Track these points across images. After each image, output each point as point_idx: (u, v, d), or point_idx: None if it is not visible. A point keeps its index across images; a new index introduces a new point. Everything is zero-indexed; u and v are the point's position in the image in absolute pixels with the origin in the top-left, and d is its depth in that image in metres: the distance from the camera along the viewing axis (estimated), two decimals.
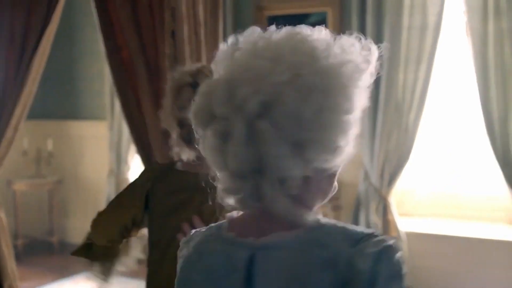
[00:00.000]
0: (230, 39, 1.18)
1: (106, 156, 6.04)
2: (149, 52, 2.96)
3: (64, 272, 5.40)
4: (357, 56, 1.14)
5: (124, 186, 5.77)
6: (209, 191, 1.27)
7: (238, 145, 1.07)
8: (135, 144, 3.06)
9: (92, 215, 2.25)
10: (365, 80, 1.15)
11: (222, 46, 1.18)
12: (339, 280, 1.06)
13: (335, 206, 4.73)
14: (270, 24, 4.42)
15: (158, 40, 2.91)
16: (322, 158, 1.10)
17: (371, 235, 1.11)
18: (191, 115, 1.15)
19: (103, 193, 6.09)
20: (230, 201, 1.16)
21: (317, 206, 1.22)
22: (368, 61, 1.15)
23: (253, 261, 1.13)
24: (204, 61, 2.82)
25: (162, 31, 2.84)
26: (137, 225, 2.14)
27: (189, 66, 2.15)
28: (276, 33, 1.18)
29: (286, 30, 1.18)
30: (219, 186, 1.16)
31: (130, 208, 2.10)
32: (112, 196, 5.82)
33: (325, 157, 1.10)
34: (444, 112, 4.94)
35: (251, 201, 1.13)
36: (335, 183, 1.23)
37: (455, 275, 4.61)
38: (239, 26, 4.91)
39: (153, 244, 2.11)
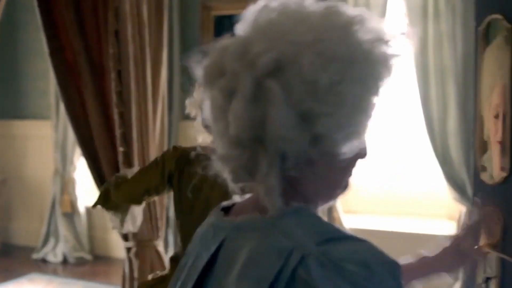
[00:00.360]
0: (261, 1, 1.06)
1: (51, 156, 5.95)
2: (93, 52, 2.95)
3: (7, 275, 5.30)
4: (391, 38, 1.02)
5: (71, 186, 5.70)
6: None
7: (242, 105, 0.96)
8: (79, 144, 3.04)
9: (36, 216, 2.28)
10: (395, 65, 1.04)
11: (251, 6, 1.07)
12: (286, 273, 0.93)
13: None
14: (217, 24, 4.48)
15: (102, 40, 2.90)
16: (332, 138, 0.98)
17: (344, 238, 0.97)
18: (201, 70, 1.06)
19: (48, 194, 6.00)
20: (225, 174, 1.05)
21: (321, 203, 1.09)
22: (401, 46, 1.03)
23: (224, 241, 1.06)
24: (148, 61, 2.83)
25: (106, 31, 2.83)
26: (157, 193, 2.40)
27: None
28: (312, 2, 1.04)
29: (324, 2, 1.05)
30: (216, 154, 1.05)
31: (153, 178, 2.34)
32: (58, 197, 5.77)
33: (337, 138, 0.98)
34: (386, 112, 5.06)
35: (243, 173, 1.02)
36: (348, 180, 1.09)
37: None
38: (185, 26, 4.91)
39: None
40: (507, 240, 1.64)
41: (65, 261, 5.76)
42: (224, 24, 5.35)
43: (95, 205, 2.54)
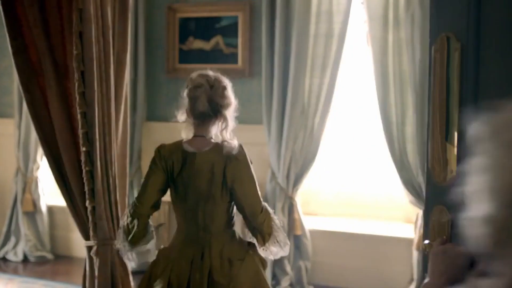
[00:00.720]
0: None
1: (13, 155, 5.91)
2: (57, 52, 2.96)
3: None
4: None
5: (33, 185, 5.66)
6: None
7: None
8: (42, 143, 3.05)
9: None
10: None
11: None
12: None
13: None
14: (181, 26, 4.58)
15: (66, 40, 2.92)
16: None
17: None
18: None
19: (9, 193, 5.96)
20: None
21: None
22: None
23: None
24: (111, 62, 2.87)
25: (70, 31, 2.86)
26: (165, 191, 2.65)
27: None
28: None
29: None
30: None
31: (160, 177, 2.60)
32: (20, 196, 5.73)
33: None
34: (347, 116, 5.18)
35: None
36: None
37: (356, 271, 4.84)
38: (151, 27, 4.95)
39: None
40: (454, 238, 1.73)
41: (25, 260, 5.73)
42: (189, 26, 5.40)
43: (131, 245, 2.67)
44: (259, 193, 2.61)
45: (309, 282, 4.96)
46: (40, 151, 5.78)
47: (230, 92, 2.61)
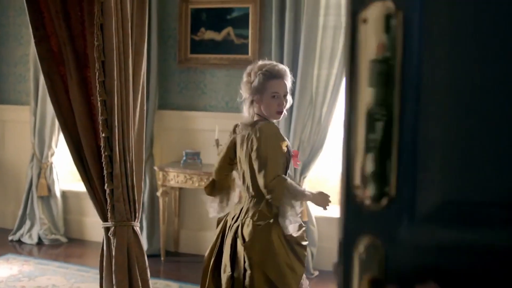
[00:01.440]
0: None
1: (29, 141, 6.08)
2: (77, 42, 3.10)
3: None
4: None
5: (48, 170, 5.87)
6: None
7: None
8: (62, 129, 3.20)
9: (13, 199, 2.45)
10: None
11: None
12: None
13: None
14: (193, 17, 4.75)
15: (86, 31, 3.06)
16: None
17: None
18: None
19: (25, 178, 6.13)
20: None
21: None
22: None
23: None
24: (130, 53, 3.02)
25: (90, 23, 3.00)
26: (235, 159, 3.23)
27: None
28: None
29: None
30: None
31: (230, 149, 3.26)
32: (35, 181, 5.90)
33: None
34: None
35: None
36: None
37: None
38: (163, 18, 5.11)
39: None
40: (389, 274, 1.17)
41: (40, 243, 5.91)
42: (201, 17, 5.54)
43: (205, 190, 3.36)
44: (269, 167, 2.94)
45: (315, 267, 5.12)
46: (55, 138, 5.95)
47: (242, 85, 3.14)
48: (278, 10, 5.02)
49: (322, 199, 3.05)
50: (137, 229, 3.13)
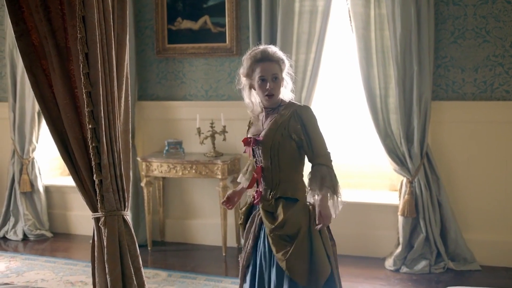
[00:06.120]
0: None
1: (8, 138, 6.05)
2: (58, 35, 3.11)
3: None
4: None
5: (30, 166, 5.83)
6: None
7: None
8: (47, 123, 3.20)
9: None
10: None
11: None
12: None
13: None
14: (169, 8, 4.77)
15: (67, 24, 3.07)
16: None
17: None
18: None
19: (7, 175, 6.11)
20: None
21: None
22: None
23: None
24: (113, 44, 3.04)
25: (71, 16, 3.01)
26: None
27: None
28: None
29: None
30: None
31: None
32: (17, 177, 5.88)
33: None
34: (332, 90, 5.38)
35: None
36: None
37: (346, 237, 5.07)
38: (139, 9, 5.11)
39: None
40: None
41: (25, 239, 5.91)
42: (177, 7, 5.55)
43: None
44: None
45: None
46: (35, 133, 5.93)
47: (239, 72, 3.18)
48: None
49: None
50: (127, 218, 3.16)
